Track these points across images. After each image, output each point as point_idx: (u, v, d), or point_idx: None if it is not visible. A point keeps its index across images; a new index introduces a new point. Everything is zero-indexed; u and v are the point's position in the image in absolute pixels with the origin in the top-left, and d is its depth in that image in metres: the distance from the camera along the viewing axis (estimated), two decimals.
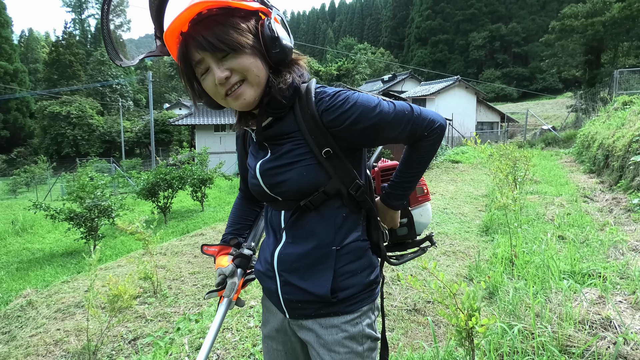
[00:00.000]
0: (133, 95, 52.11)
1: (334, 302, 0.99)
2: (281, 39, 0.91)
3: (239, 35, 0.89)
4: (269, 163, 1.01)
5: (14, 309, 3.64)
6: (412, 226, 1.22)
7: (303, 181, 0.97)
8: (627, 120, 7.67)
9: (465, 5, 63.00)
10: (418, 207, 1.23)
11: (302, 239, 1.01)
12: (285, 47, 0.92)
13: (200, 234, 6.37)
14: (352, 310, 1.01)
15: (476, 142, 3.45)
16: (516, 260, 3.33)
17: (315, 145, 0.95)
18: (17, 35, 63.12)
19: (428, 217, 1.25)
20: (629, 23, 23.91)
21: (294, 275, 1.02)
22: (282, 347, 1.14)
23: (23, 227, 10.65)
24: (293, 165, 0.97)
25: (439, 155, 14.94)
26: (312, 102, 0.95)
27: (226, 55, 0.90)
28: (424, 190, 1.24)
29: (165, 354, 2.49)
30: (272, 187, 1.01)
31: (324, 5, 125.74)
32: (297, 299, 1.02)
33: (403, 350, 2.33)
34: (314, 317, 1.03)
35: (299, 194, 0.98)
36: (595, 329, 2.10)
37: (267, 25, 0.91)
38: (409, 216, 1.21)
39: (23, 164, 30.40)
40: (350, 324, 1.01)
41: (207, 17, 0.88)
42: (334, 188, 0.99)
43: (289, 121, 0.99)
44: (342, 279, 1.00)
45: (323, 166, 0.97)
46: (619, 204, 5.16)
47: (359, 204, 1.04)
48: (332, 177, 0.98)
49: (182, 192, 11.15)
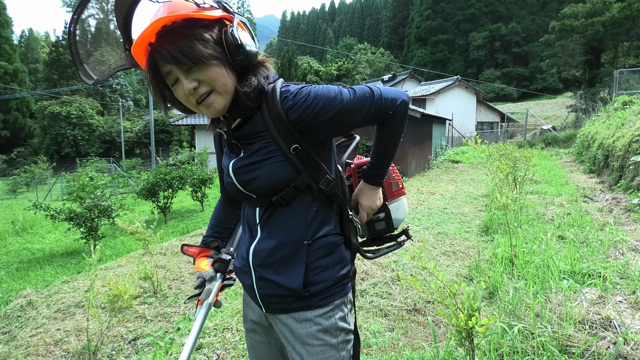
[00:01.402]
0: (133, 95, 52.05)
1: (307, 296, 1.02)
2: (244, 46, 0.95)
3: (203, 47, 0.92)
4: (241, 161, 1.04)
5: (14, 309, 3.64)
6: (390, 220, 1.23)
7: (273, 177, 1.00)
8: (627, 120, 7.67)
9: (465, 5, 62.96)
10: (394, 202, 1.24)
11: (275, 234, 1.05)
12: (249, 53, 0.96)
13: (200, 234, 6.37)
14: (325, 304, 1.04)
15: (477, 142, 3.44)
16: (516, 260, 3.33)
17: (284, 142, 0.99)
18: (17, 35, 63.14)
19: (404, 211, 1.27)
20: (629, 23, 23.90)
21: (267, 269, 1.05)
22: (266, 339, 1.18)
23: (23, 227, 10.64)
24: (263, 162, 1.01)
25: (439, 155, 14.93)
26: (278, 102, 0.99)
27: (192, 67, 0.93)
28: (399, 185, 1.25)
29: (165, 354, 2.49)
30: (245, 185, 1.05)
31: (324, 5, 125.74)
32: (271, 293, 1.05)
33: (403, 350, 2.33)
34: (287, 311, 1.05)
35: (271, 190, 1.02)
36: (595, 329, 2.10)
37: (230, 33, 0.94)
38: (386, 210, 1.22)
39: (23, 164, 30.40)
40: (323, 317, 1.04)
41: (171, 30, 0.91)
42: (303, 183, 1.02)
43: (257, 121, 1.02)
44: (313, 273, 1.03)
45: (292, 162, 1.00)
46: (619, 204, 5.16)
47: (329, 199, 1.07)
48: (302, 172, 1.02)
49: (182, 192, 11.15)
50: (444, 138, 18.15)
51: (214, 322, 2.89)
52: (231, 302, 3.32)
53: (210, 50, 0.93)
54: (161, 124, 34.07)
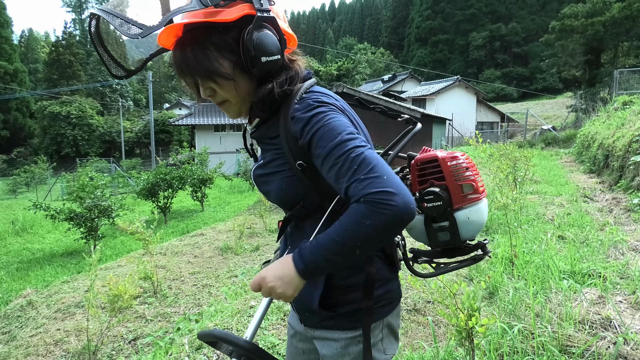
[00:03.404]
0: (133, 95, 52.08)
1: (334, 315, 0.95)
2: (260, 58, 0.83)
3: (212, 60, 0.85)
4: (258, 170, 0.99)
5: (14, 309, 3.64)
6: (456, 230, 0.99)
7: (282, 194, 0.93)
8: (627, 120, 7.67)
9: (465, 5, 62.97)
10: (465, 208, 0.98)
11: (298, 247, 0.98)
12: (264, 65, 0.85)
13: (200, 234, 6.37)
14: (354, 327, 0.95)
15: (478, 141, 3.44)
16: (516, 260, 3.33)
17: (291, 155, 0.88)
18: (17, 35, 63.13)
19: (480, 220, 1.01)
20: (629, 23, 23.89)
21: None
22: (305, 346, 1.12)
23: (23, 227, 10.65)
24: (274, 175, 0.94)
25: None
26: (291, 106, 0.88)
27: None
28: (474, 187, 0.98)
29: (165, 354, 2.49)
30: (265, 195, 1.00)
31: (324, 5, 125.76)
32: (302, 308, 1.01)
33: (403, 350, 2.33)
34: (319, 327, 1.00)
35: (282, 205, 0.97)
36: (595, 329, 2.10)
37: (247, 40, 0.83)
38: (450, 219, 0.99)
39: (23, 164, 30.37)
40: (351, 340, 0.95)
41: (189, 30, 0.86)
42: (314, 203, 0.92)
43: (273, 124, 0.93)
44: (340, 292, 0.95)
45: (300, 179, 0.89)
46: (619, 204, 5.16)
47: None
48: (311, 191, 0.91)
49: (182, 192, 11.15)
50: (444, 138, 18.15)
51: (214, 322, 2.89)
52: (231, 302, 3.32)
53: (221, 62, 0.85)
54: (161, 124, 34.07)
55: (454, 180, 0.98)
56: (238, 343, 0.87)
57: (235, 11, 0.83)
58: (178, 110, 37.98)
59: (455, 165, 0.98)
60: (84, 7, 66.36)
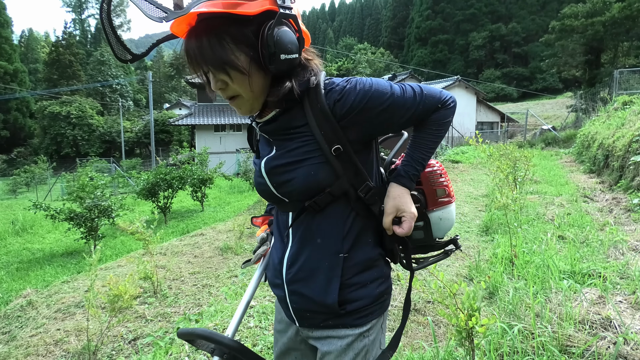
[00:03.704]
0: (133, 95, 52.07)
1: (342, 313, 0.96)
2: (279, 55, 0.83)
3: (228, 52, 0.84)
4: (275, 160, 0.96)
5: (14, 309, 3.64)
6: (429, 231, 1.10)
7: (309, 180, 0.91)
8: (627, 120, 7.66)
9: (465, 5, 62.97)
10: (438, 210, 1.10)
11: (308, 243, 0.97)
12: (283, 62, 0.84)
13: (200, 234, 6.37)
14: (361, 323, 0.97)
15: (478, 141, 3.44)
16: (516, 260, 3.33)
17: (325, 141, 0.90)
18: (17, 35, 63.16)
19: (450, 221, 1.12)
20: (629, 23, 23.89)
21: (300, 283, 0.98)
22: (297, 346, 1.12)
23: (23, 227, 10.64)
24: (301, 163, 0.92)
25: (438, 155, 14.93)
26: (322, 95, 0.90)
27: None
28: (446, 192, 1.10)
29: (165, 354, 2.49)
30: (278, 187, 0.96)
31: (324, 5, 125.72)
32: (305, 308, 0.99)
33: (403, 350, 2.33)
34: (322, 327, 0.99)
35: (305, 194, 0.93)
36: (595, 329, 2.10)
37: (267, 36, 0.82)
38: (425, 219, 1.10)
39: (23, 164, 30.37)
40: (358, 338, 0.97)
41: (205, 19, 0.84)
42: (341, 189, 0.93)
43: (297, 114, 0.93)
44: (350, 290, 0.96)
45: (331, 165, 0.91)
46: (619, 204, 5.16)
47: (368, 208, 0.97)
48: (340, 177, 0.92)
49: (182, 192, 11.16)
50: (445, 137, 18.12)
51: (214, 322, 2.89)
52: (231, 302, 3.32)
53: (237, 55, 0.84)
54: (161, 124, 34.08)
55: (430, 185, 1.09)
56: (221, 341, 0.89)
57: (257, 5, 0.82)
58: (178, 110, 37.99)
59: (431, 172, 1.09)
60: (84, 7, 66.37)
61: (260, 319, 2.88)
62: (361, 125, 0.92)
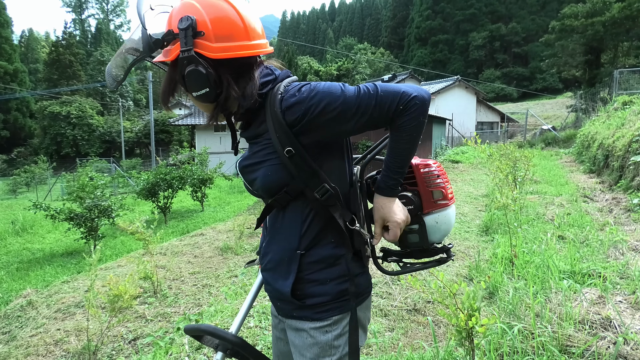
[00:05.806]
0: (133, 95, 52.03)
1: (303, 306, 1.01)
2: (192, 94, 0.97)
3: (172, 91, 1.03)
4: (245, 161, 1.06)
5: (14, 309, 3.64)
6: (424, 234, 1.06)
7: (267, 180, 0.99)
8: (627, 120, 7.66)
9: (465, 5, 62.95)
10: (433, 213, 1.06)
11: (275, 238, 1.06)
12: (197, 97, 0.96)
13: (200, 234, 6.37)
14: (321, 318, 1.01)
15: (476, 142, 3.44)
16: (516, 260, 3.33)
17: (279, 144, 0.95)
18: (17, 35, 63.21)
19: (448, 225, 1.08)
20: (629, 23, 23.87)
21: (269, 272, 1.07)
22: (284, 337, 1.18)
23: (23, 227, 10.65)
24: (261, 164, 1.00)
25: (439, 155, 14.93)
26: (276, 102, 0.96)
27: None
28: (444, 193, 1.06)
29: (165, 354, 2.49)
30: (250, 184, 1.06)
31: (324, 5, 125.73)
32: (273, 296, 1.09)
33: (403, 350, 2.33)
34: (290, 317, 1.06)
35: (267, 192, 1.02)
36: (595, 329, 2.10)
37: (179, 79, 0.96)
38: (420, 222, 1.06)
39: (23, 164, 30.36)
40: (319, 331, 1.01)
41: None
42: (296, 189, 0.98)
43: (260, 122, 1.01)
44: (309, 286, 1.01)
45: (286, 166, 0.96)
46: (619, 204, 5.16)
47: (328, 209, 0.99)
48: (295, 177, 0.97)
49: (182, 192, 11.15)
50: (444, 138, 18.16)
51: (214, 322, 2.89)
52: (231, 302, 3.32)
53: (173, 94, 1.03)
54: (161, 124, 34.07)
55: (426, 187, 1.06)
56: (225, 337, 0.95)
57: (173, 51, 0.94)
58: (178, 110, 37.91)
59: (427, 173, 1.07)
60: (84, 7, 66.37)
61: (260, 319, 2.88)
62: (314, 131, 0.95)
